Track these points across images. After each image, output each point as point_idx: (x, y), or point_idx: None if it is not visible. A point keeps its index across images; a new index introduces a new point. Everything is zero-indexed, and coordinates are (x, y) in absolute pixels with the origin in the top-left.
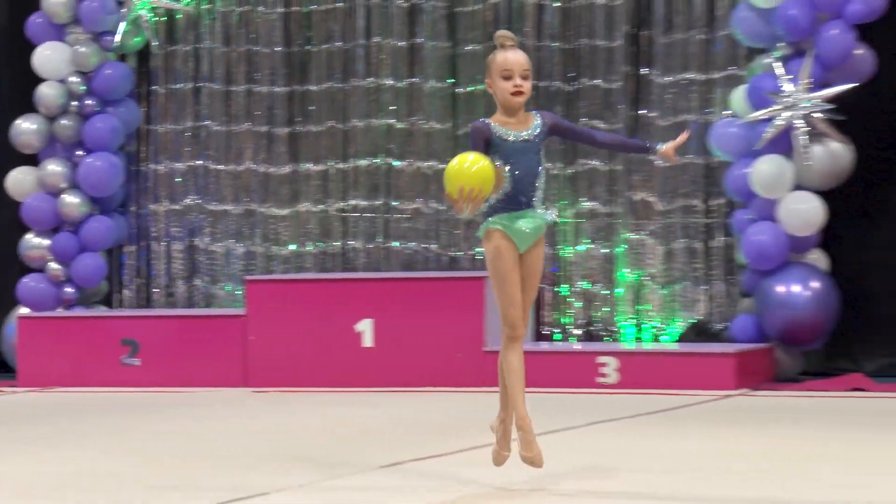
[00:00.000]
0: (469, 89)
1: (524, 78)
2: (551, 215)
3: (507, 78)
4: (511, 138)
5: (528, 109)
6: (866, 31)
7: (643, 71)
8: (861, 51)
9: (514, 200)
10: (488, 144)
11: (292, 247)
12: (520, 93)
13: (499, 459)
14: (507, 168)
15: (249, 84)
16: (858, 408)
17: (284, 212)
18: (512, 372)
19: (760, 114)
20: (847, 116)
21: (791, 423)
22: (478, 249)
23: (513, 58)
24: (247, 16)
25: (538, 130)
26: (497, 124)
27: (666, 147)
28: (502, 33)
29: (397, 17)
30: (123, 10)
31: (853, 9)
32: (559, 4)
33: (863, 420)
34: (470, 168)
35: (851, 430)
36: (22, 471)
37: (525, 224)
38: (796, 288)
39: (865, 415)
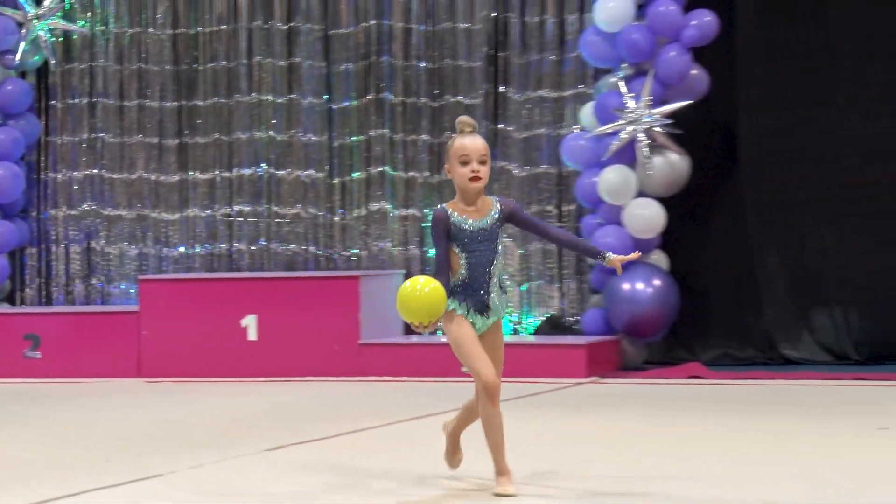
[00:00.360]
0: (343, 105)
1: (482, 163)
2: (505, 303)
3: (465, 163)
4: (469, 228)
5: (489, 193)
6: (701, 54)
7: (501, 88)
8: (696, 71)
9: (470, 287)
10: (448, 232)
11: (182, 248)
12: (477, 178)
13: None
14: (464, 256)
15: (141, 99)
16: (696, 394)
17: (174, 217)
18: (495, 429)
19: (606, 128)
20: (684, 130)
21: (635, 407)
22: (353, 250)
23: (470, 143)
24: (138, 36)
25: (496, 217)
26: (456, 213)
27: (615, 258)
28: (462, 119)
29: (277, 38)
30: (23, 30)
31: (689, 33)
32: (425, 28)
33: (699, 405)
34: (423, 290)
35: (689, 414)
36: None
37: (480, 321)
38: (640, 285)
39: (702, 400)
